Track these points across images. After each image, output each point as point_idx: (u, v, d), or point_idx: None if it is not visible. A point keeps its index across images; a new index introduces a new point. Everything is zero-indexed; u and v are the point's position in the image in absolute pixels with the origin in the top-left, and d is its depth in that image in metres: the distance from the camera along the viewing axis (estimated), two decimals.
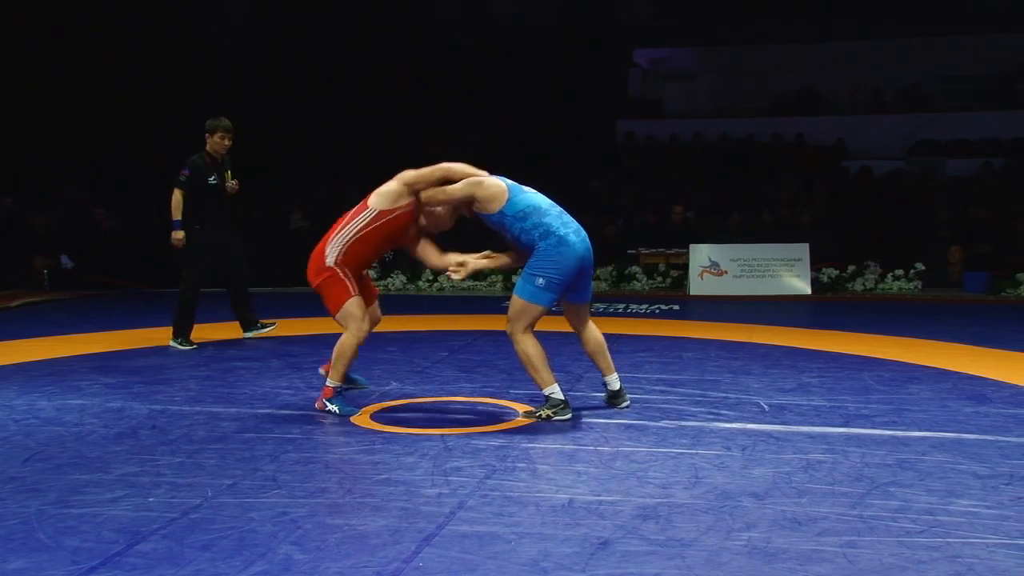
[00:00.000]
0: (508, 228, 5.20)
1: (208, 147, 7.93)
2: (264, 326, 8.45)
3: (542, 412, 5.28)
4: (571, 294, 5.34)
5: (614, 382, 5.59)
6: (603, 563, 3.28)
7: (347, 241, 5.33)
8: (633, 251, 12.91)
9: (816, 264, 12.23)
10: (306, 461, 4.55)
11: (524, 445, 4.79)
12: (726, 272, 12.11)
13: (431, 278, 12.83)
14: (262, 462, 4.51)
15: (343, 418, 5.36)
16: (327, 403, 5.45)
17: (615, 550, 3.40)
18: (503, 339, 8.33)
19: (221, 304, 8.92)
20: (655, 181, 16.46)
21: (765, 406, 5.65)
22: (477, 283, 12.76)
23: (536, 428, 5.15)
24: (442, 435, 4.99)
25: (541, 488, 4.10)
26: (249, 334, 8.40)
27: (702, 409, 5.57)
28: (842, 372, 6.69)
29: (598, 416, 5.38)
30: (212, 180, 7.91)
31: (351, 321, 5.34)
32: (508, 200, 5.17)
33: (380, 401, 5.80)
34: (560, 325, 8.33)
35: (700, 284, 12.07)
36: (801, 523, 3.65)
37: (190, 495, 4.01)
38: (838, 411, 5.50)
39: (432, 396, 5.93)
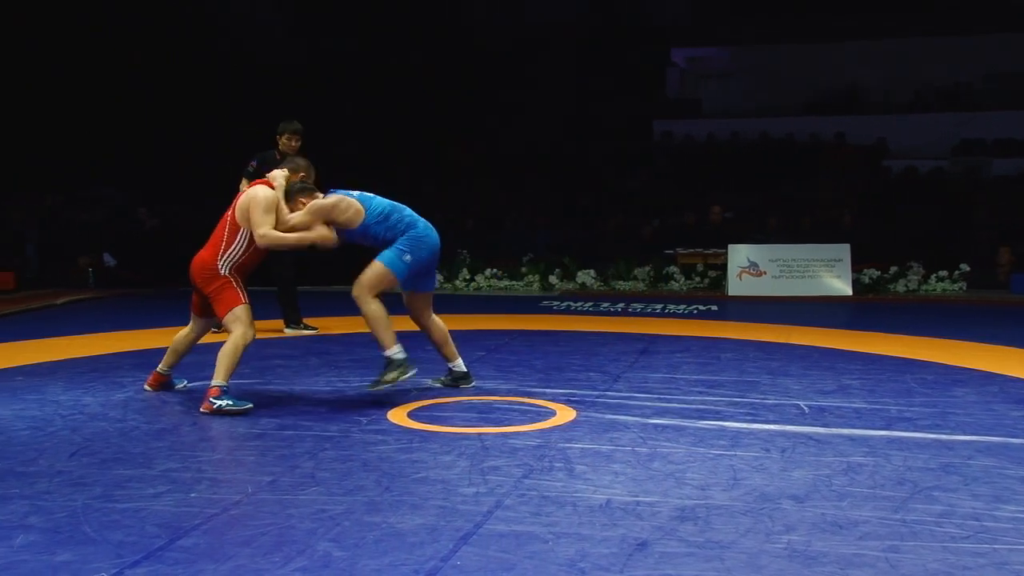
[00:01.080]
0: (372, 234, 5.64)
1: (279, 146, 8.28)
2: (307, 327, 8.67)
3: (386, 376, 5.61)
4: (420, 282, 5.83)
5: (461, 365, 6.06)
6: (641, 564, 3.27)
7: (237, 259, 5.65)
8: (671, 251, 12.85)
9: (857, 265, 12.10)
10: (344, 459, 4.57)
11: (561, 445, 4.79)
12: (765, 273, 12.02)
13: (467, 277, 12.85)
14: (301, 459, 4.55)
15: (379, 416, 5.38)
16: (214, 402, 5.44)
17: (653, 551, 3.39)
18: (539, 339, 8.34)
19: (264, 302, 8.99)
20: (692, 181, 16.38)
21: (804, 408, 5.60)
22: (514, 283, 12.76)
23: (573, 428, 5.14)
24: (479, 434, 5.00)
25: (578, 488, 4.10)
26: (290, 331, 8.55)
27: (740, 410, 5.53)
28: (883, 374, 6.62)
29: (635, 416, 5.37)
30: None
31: (241, 323, 5.59)
32: (366, 210, 5.62)
33: (417, 400, 5.82)
34: (604, 325, 8.28)
35: (739, 284, 11.99)
36: (842, 527, 3.62)
37: (230, 491, 4.05)
38: (880, 414, 5.44)
39: (469, 395, 5.94)
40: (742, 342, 8.10)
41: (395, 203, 5.77)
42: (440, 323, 5.98)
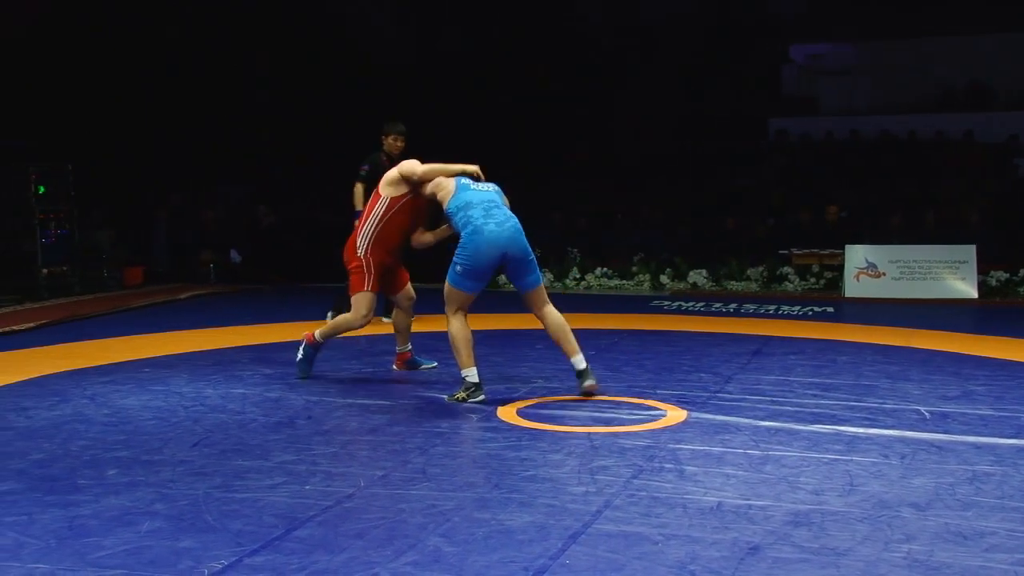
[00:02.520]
0: (451, 221, 5.85)
1: (384, 147, 8.50)
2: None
3: (457, 395, 5.68)
4: (514, 282, 5.81)
5: (579, 363, 5.76)
6: (753, 569, 3.21)
7: (373, 232, 6.14)
8: (785, 251, 12.57)
9: (983, 267, 11.62)
10: (454, 455, 4.62)
11: (671, 446, 4.73)
12: (884, 274, 11.65)
13: (578, 276, 12.83)
14: (412, 455, 4.61)
15: (489, 414, 5.41)
16: (302, 350, 6.37)
17: (765, 556, 3.32)
18: (650, 338, 8.27)
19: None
20: (807, 180, 16.00)
21: (926, 414, 5.41)
22: (624, 282, 12.69)
23: (683, 429, 5.08)
24: (588, 433, 4.98)
25: (689, 490, 4.05)
26: (388, 319, 8.73)
27: (857, 415, 5.38)
28: (1012, 380, 6.33)
29: (747, 418, 5.27)
30: None
31: (358, 309, 6.14)
32: (451, 197, 5.79)
33: (527, 398, 5.84)
34: (716, 325, 8.20)
35: (856, 286, 11.65)
36: (967, 537, 3.48)
37: (343, 484, 4.14)
38: (1008, 421, 5.21)
39: (579, 395, 5.92)
40: (859, 345, 7.87)
41: (473, 201, 5.73)
42: (554, 318, 5.79)
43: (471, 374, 5.67)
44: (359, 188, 8.42)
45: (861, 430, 5.03)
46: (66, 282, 11.52)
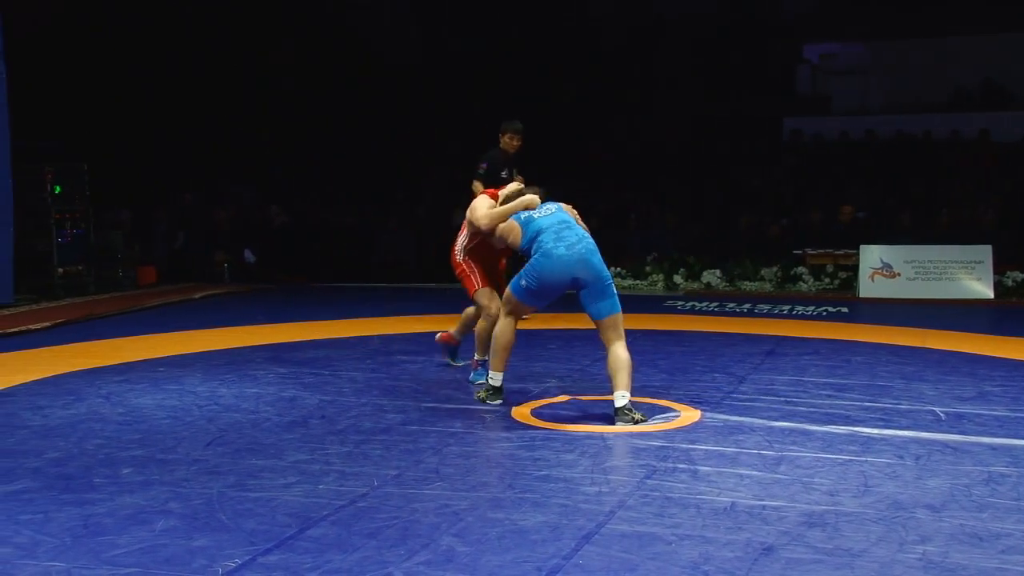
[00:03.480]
0: (527, 254, 5.65)
1: (501, 144, 8.68)
2: None
3: (480, 393, 5.73)
4: (587, 308, 5.44)
5: (618, 399, 5.22)
6: (767, 569, 3.20)
7: (466, 246, 6.29)
8: (799, 251, 12.53)
9: (1000, 267, 11.56)
10: (468, 455, 4.62)
11: (685, 446, 4.73)
12: (899, 274, 11.60)
13: None
14: (425, 454, 4.62)
15: (503, 413, 5.41)
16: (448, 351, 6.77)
17: (779, 556, 3.31)
18: (663, 339, 8.26)
19: (379, 298, 9.17)
20: (821, 180, 15.94)
21: (941, 414, 5.38)
22: (638, 282, 12.67)
23: (697, 429, 5.07)
24: (602, 433, 4.98)
25: (702, 490, 4.04)
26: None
27: (871, 415, 5.36)
28: None
29: (761, 419, 5.25)
30: (503, 174, 8.54)
31: (483, 307, 6.18)
32: (521, 238, 5.65)
33: (540, 398, 5.84)
34: (730, 326, 8.19)
35: (870, 286, 11.60)
36: (983, 539, 3.46)
37: (357, 484, 4.15)
38: None
39: (592, 395, 5.92)
40: (874, 345, 7.84)
41: (543, 227, 5.51)
42: (618, 353, 5.32)
43: (496, 378, 5.64)
44: (477, 186, 8.48)
45: (876, 431, 5.01)
46: (81, 282, 11.58)
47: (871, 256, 11.75)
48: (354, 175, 15.91)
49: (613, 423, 5.16)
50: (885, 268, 11.33)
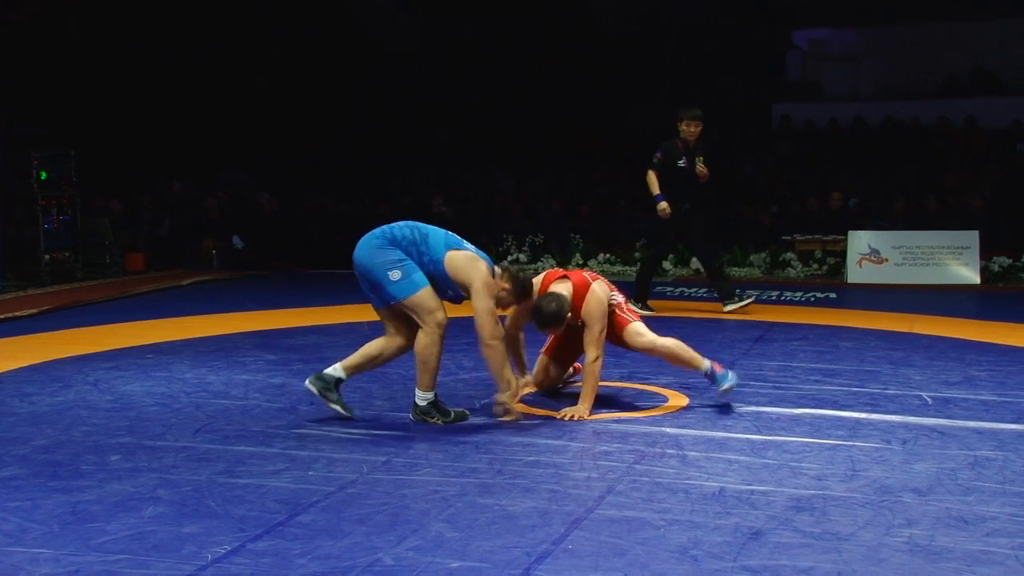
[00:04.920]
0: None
1: (680, 133, 8.54)
2: (741, 298, 8.81)
3: (499, 399, 4.96)
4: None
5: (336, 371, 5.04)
6: (755, 554, 3.22)
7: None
8: (788, 237, 12.56)
9: (986, 252, 11.60)
10: (457, 441, 4.63)
11: (673, 432, 4.74)
12: (887, 260, 11.64)
13: (580, 262, 12.82)
14: (415, 440, 4.62)
15: (492, 400, 5.41)
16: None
17: (767, 541, 3.33)
18: (652, 325, 8.14)
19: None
20: (811, 166, 15.96)
21: (928, 399, 5.41)
22: (627, 268, 12.68)
23: (685, 415, 5.09)
24: (591, 419, 4.98)
25: (691, 475, 4.05)
26: (728, 307, 8.71)
27: (859, 400, 5.38)
28: (1014, 366, 6.33)
29: (749, 404, 5.27)
30: (680, 163, 8.50)
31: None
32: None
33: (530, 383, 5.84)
34: (719, 312, 8.20)
35: (859, 272, 11.64)
36: (968, 522, 3.48)
37: (346, 470, 4.15)
38: (1010, 407, 5.22)
39: (582, 381, 5.91)
40: (862, 331, 7.87)
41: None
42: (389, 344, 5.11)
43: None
44: (651, 175, 8.50)
45: (863, 415, 5.03)
46: (68, 268, 11.53)
47: (859, 242, 11.78)
48: (347, 161, 15.86)
49: (599, 412, 5.14)
50: (873, 254, 11.35)
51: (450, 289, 4.94)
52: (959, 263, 11.50)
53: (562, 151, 16.45)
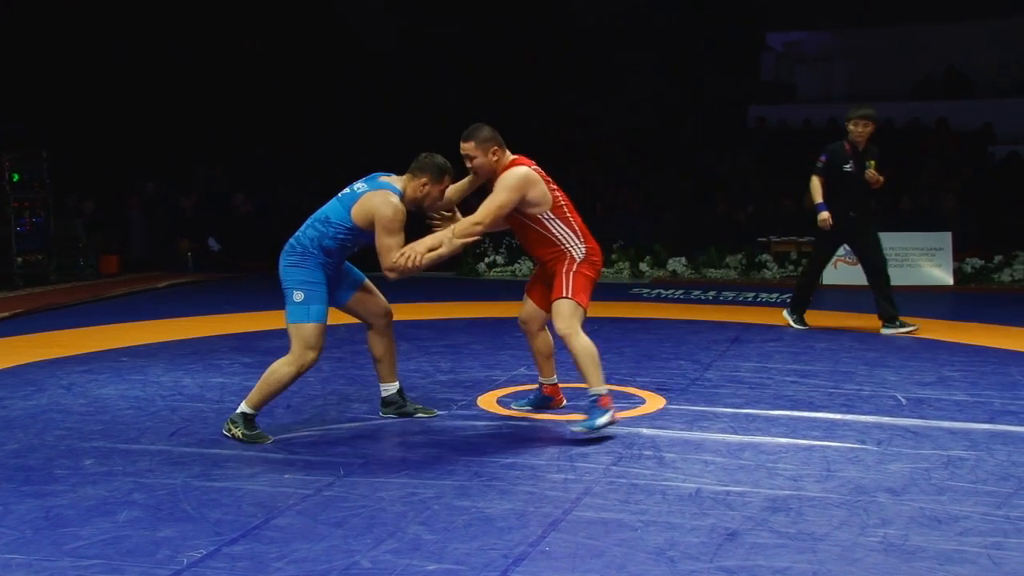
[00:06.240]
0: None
1: (849, 135, 7.82)
2: (903, 324, 7.78)
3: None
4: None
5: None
6: (731, 554, 3.23)
7: None
8: (763, 239, 12.63)
9: (959, 254, 11.72)
10: (434, 444, 4.62)
11: (650, 433, 4.75)
12: None
13: None
14: (392, 443, 4.61)
15: (469, 402, 5.41)
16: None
17: (743, 541, 3.35)
18: (630, 326, 8.29)
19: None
20: (786, 167, 16.07)
21: (902, 400, 5.45)
22: (604, 270, 12.72)
23: (662, 416, 5.11)
24: (568, 421, 4.99)
25: (668, 477, 4.07)
26: (886, 331, 7.79)
27: (835, 401, 5.42)
28: (987, 366, 6.39)
29: (726, 406, 5.30)
30: (847, 167, 7.75)
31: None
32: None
33: (507, 386, 5.85)
34: (695, 313, 8.18)
35: (834, 273, 11.71)
36: (941, 521, 3.52)
37: (323, 473, 4.13)
38: (982, 407, 5.27)
39: (559, 382, 5.92)
40: (837, 332, 7.93)
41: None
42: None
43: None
44: (815, 181, 7.80)
45: (839, 416, 5.07)
46: (41, 270, 11.43)
47: None
48: (323, 161, 15.81)
49: (575, 411, 5.07)
50: (848, 255, 11.40)
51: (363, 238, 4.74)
52: (932, 264, 11.61)
53: (538, 152, 16.46)
